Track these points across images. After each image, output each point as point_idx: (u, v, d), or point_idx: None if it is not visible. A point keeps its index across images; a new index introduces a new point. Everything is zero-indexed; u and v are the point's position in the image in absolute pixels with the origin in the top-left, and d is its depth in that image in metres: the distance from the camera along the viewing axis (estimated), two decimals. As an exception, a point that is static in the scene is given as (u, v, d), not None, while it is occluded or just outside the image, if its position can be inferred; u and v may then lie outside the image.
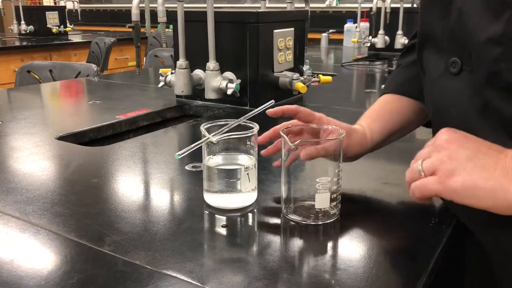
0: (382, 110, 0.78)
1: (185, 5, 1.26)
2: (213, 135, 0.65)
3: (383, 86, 0.89)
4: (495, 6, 0.52)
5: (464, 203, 0.49)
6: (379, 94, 0.82)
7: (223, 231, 0.63)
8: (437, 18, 0.64)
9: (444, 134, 0.52)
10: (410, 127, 0.78)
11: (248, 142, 0.67)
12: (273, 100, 0.76)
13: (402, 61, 0.83)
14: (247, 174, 0.66)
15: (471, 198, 0.48)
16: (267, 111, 0.70)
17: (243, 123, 0.69)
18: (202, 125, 0.67)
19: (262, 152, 0.71)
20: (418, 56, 0.70)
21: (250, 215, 0.67)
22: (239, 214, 0.67)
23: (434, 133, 0.68)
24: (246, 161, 0.67)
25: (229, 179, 0.66)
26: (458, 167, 0.49)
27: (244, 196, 0.67)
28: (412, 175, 0.53)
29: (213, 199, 0.68)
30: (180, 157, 0.62)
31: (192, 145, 0.64)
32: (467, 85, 0.58)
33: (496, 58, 0.52)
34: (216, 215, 0.66)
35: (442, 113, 0.63)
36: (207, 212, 0.67)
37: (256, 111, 0.71)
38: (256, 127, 0.67)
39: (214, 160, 0.68)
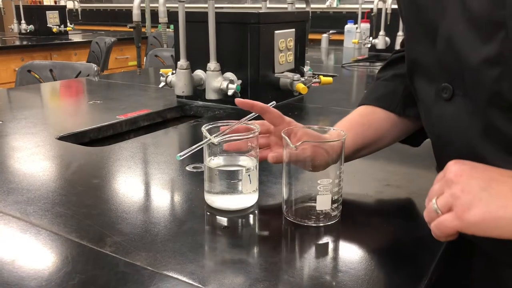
0: (355, 122, 0.75)
1: (185, 5, 1.26)
2: (214, 137, 0.65)
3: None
4: (487, 28, 0.51)
5: (487, 236, 0.47)
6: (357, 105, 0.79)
7: (224, 233, 0.63)
8: (424, 48, 0.63)
9: (452, 166, 0.50)
10: (384, 141, 0.76)
11: (249, 144, 0.67)
12: (274, 102, 0.76)
13: (382, 74, 0.81)
14: (248, 175, 0.66)
15: (494, 229, 0.46)
16: (236, 99, 0.69)
17: (244, 125, 0.69)
18: (204, 126, 0.67)
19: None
20: (410, 84, 0.69)
21: (251, 216, 0.67)
22: (240, 215, 0.67)
23: (437, 160, 0.67)
24: (247, 162, 0.67)
25: (230, 180, 0.66)
26: (473, 199, 0.47)
27: (245, 197, 0.67)
28: (430, 215, 0.51)
29: (214, 200, 0.68)
30: (181, 158, 0.62)
31: (194, 146, 0.64)
32: (462, 109, 0.57)
33: (496, 78, 0.51)
34: (217, 216, 0.66)
35: (442, 140, 0.62)
36: (208, 213, 0.67)
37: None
38: (257, 128, 0.67)
39: (215, 161, 0.68)
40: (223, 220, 0.65)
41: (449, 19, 0.56)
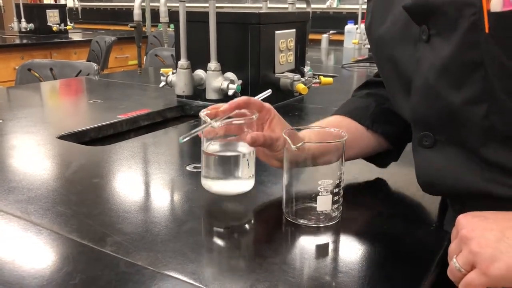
0: (324, 125, 0.75)
1: (186, 4, 1.26)
2: (215, 121, 0.65)
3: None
4: (461, 70, 0.53)
5: None
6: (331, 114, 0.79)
7: (225, 233, 0.63)
8: (400, 97, 0.64)
9: (463, 221, 0.51)
10: (352, 150, 0.73)
11: (247, 129, 0.68)
12: (270, 90, 0.76)
13: (356, 93, 0.83)
14: (247, 160, 0.67)
15: None
16: (221, 109, 0.68)
17: (242, 111, 0.69)
18: (202, 111, 0.67)
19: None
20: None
21: (251, 216, 0.67)
22: (240, 215, 0.67)
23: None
24: (244, 147, 0.68)
25: (227, 165, 0.67)
26: (492, 252, 0.46)
27: (243, 182, 0.69)
28: (454, 274, 0.51)
29: (211, 185, 0.68)
30: (184, 141, 0.62)
31: (195, 130, 0.65)
32: (449, 154, 0.58)
33: (484, 114, 0.53)
34: (217, 216, 0.66)
35: (435, 187, 0.63)
36: (209, 213, 0.67)
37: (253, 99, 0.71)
38: (255, 114, 0.68)
39: (212, 147, 0.68)
40: (224, 220, 0.65)
41: (422, 70, 0.57)
